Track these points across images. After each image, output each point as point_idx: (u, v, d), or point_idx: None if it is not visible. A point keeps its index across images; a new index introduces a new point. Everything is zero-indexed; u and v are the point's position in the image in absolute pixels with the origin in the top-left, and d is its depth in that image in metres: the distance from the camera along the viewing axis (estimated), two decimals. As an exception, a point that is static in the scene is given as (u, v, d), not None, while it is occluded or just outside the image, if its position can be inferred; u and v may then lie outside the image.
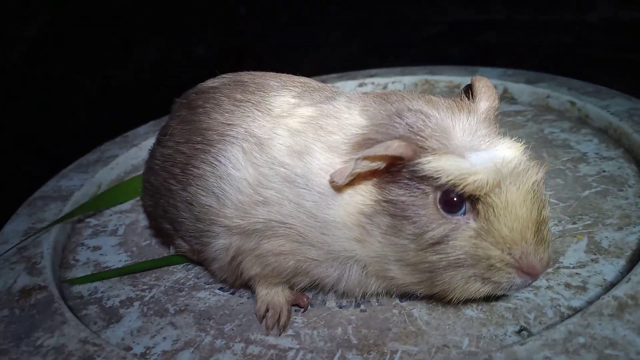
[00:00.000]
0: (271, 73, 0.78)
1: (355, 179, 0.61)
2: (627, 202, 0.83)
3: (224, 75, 0.80)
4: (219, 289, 0.76)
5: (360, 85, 1.43)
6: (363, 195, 0.62)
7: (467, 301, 0.66)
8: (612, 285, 0.67)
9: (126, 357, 0.61)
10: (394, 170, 0.60)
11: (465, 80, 1.32)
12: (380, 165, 0.59)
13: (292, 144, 0.65)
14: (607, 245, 0.75)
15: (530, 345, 0.55)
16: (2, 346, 0.64)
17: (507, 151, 0.61)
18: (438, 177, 0.57)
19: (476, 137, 0.61)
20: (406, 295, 0.69)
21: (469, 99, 0.67)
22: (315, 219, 0.63)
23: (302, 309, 0.70)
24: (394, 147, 0.58)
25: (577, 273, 0.71)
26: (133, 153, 1.16)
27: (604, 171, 0.92)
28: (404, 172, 0.59)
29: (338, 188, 0.62)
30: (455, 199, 0.59)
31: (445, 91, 1.36)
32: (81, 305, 0.76)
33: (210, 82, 0.80)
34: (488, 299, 0.66)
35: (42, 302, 0.71)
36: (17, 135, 1.74)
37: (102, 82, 2.11)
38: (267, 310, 0.69)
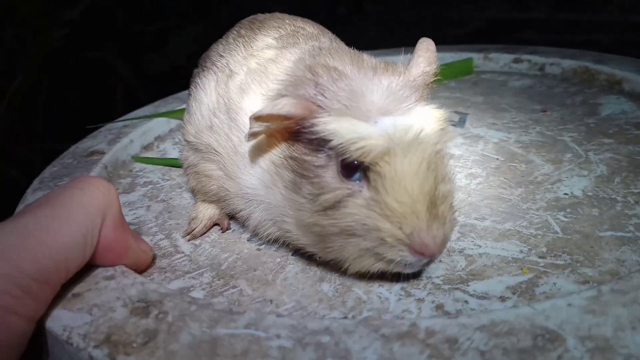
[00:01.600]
0: (283, 15, 0.82)
1: (271, 132, 0.62)
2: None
3: (260, 14, 0.88)
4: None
5: (516, 60, 1.28)
6: (276, 146, 0.64)
7: (330, 276, 0.65)
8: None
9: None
10: (299, 129, 0.60)
11: (629, 76, 1.06)
12: (278, 124, 0.59)
13: (242, 81, 0.71)
14: (540, 292, 0.59)
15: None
16: (43, 177, 0.91)
17: (416, 118, 0.56)
18: (331, 140, 0.57)
19: (394, 101, 0.57)
20: (303, 251, 0.69)
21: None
22: (236, 154, 0.69)
23: (222, 230, 0.78)
24: (280, 106, 0.57)
25: (466, 301, 0.59)
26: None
27: (664, 219, 0.68)
28: (304, 131, 0.60)
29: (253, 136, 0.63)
30: (352, 163, 0.57)
31: (604, 85, 1.10)
32: (122, 175, 0.99)
33: (250, 17, 0.88)
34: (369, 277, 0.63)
35: (92, 162, 0.97)
36: (49, 118, 1.89)
37: (140, 70, 2.19)
38: (193, 219, 0.79)
